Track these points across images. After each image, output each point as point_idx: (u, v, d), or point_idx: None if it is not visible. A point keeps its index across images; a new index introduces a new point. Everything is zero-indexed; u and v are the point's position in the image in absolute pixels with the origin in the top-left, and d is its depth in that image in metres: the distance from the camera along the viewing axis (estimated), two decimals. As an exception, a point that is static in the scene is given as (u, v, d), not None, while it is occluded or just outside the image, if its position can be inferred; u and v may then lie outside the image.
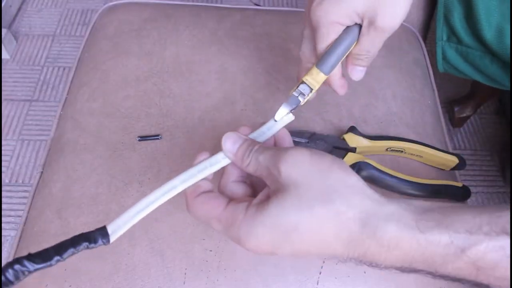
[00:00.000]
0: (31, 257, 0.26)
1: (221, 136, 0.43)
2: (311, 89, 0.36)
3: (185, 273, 0.39)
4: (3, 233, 0.96)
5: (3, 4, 1.25)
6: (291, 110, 0.34)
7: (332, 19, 0.34)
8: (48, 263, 0.27)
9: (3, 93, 1.17)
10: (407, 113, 0.51)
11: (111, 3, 0.61)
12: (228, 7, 0.62)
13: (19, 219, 0.97)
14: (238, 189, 0.30)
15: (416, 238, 0.24)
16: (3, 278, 0.25)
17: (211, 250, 0.40)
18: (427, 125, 0.51)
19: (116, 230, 0.29)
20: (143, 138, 0.47)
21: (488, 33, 0.53)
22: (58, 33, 1.31)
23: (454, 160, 0.47)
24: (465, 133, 1.15)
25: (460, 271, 0.24)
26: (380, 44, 0.37)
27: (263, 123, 0.33)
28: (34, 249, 0.40)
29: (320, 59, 0.36)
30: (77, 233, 0.42)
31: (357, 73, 0.39)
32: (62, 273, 0.39)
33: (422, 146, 0.47)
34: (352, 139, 0.46)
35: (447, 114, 1.15)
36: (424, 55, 0.60)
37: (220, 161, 0.30)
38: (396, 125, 0.50)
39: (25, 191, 1.02)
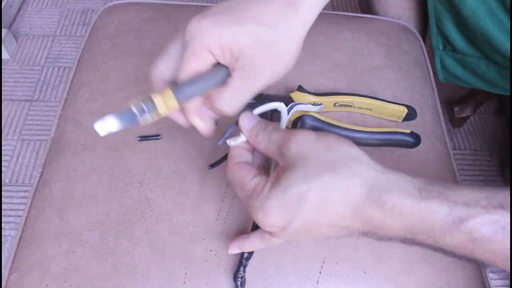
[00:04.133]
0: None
1: (221, 136, 0.43)
2: (155, 111, 0.29)
3: (185, 273, 0.39)
4: (3, 233, 0.96)
5: (3, 4, 1.25)
6: (120, 126, 0.28)
7: (205, 42, 0.30)
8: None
9: (3, 93, 1.17)
10: (407, 113, 0.52)
11: (111, 3, 0.61)
12: (228, 7, 0.62)
13: (19, 219, 0.97)
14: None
15: (418, 205, 0.26)
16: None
17: (211, 250, 0.40)
18: (427, 125, 0.52)
19: None
20: (143, 138, 0.47)
21: (479, 39, 0.53)
22: (58, 33, 1.31)
23: (403, 110, 0.48)
24: (465, 133, 1.15)
25: (459, 244, 0.26)
26: (248, 97, 0.32)
27: None
28: (34, 249, 0.40)
29: (179, 85, 0.30)
30: (77, 232, 0.42)
31: (208, 127, 0.34)
32: (62, 273, 0.39)
33: (369, 98, 0.48)
34: (298, 96, 0.47)
35: (447, 114, 1.15)
36: (424, 55, 0.60)
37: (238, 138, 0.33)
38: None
39: (25, 191, 1.02)
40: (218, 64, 0.32)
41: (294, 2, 0.30)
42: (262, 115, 0.35)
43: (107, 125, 0.28)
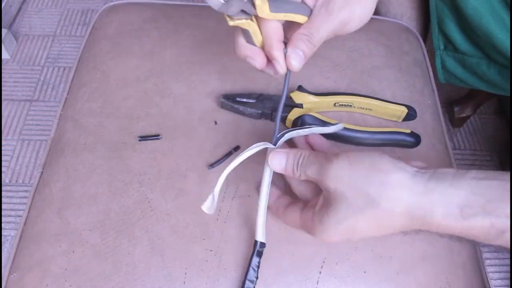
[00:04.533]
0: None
1: (221, 137, 0.43)
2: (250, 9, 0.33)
3: (185, 273, 0.39)
4: (3, 233, 0.96)
5: (3, 4, 1.25)
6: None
7: None
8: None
9: (3, 93, 1.17)
10: (407, 113, 0.52)
11: (111, 3, 0.61)
12: (228, 7, 0.62)
13: (19, 219, 0.97)
14: (302, 189, 0.36)
15: (461, 224, 0.27)
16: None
17: (211, 250, 0.40)
18: (427, 125, 0.52)
19: (262, 236, 0.37)
20: (143, 138, 0.47)
21: (481, 38, 0.53)
22: (58, 33, 1.31)
23: (403, 110, 0.48)
24: (465, 133, 1.15)
25: (498, 245, 0.27)
26: (325, 32, 0.34)
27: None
28: (34, 249, 0.40)
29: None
30: (77, 232, 0.42)
31: (295, 58, 0.34)
32: (62, 273, 0.39)
33: (369, 98, 0.48)
34: (298, 96, 0.47)
35: (447, 114, 1.15)
36: (424, 55, 0.60)
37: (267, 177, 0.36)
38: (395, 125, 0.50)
39: (25, 191, 1.02)
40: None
41: None
42: (262, 115, 0.36)
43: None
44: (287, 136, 0.38)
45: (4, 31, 1.21)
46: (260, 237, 0.37)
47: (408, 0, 0.63)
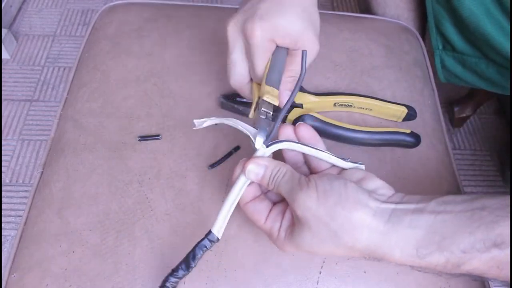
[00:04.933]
0: (175, 271, 0.34)
1: (221, 137, 0.43)
2: (273, 106, 0.36)
3: (185, 273, 0.39)
4: (3, 233, 0.96)
5: (3, 4, 1.25)
6: (268, 135, 0.34)
7: (270, 36, 0.36)
8: (187, 271, 0.35)
9: (3, 93, 1.17)
10: (407, 113, 0.52)
11: (111, 3, 0.61)
12: (228, 7, 0.62)
13: (19, 219, 0.97)
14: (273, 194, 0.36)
15: (418, 261, 0.28)
16: None
17: (211, 250, 0.40)
18: (427, 125, 0.52)
19: (218, 229, 0.35)
20: (143, 138, 0.47)
21: (478, 39, 0.53)
22: (58, 33, 1.31)
23: (403, 110, 0.48)
24: (465, 133, 1.15)
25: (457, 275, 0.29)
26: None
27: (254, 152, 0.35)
28: (34, 249, 0.40)
29: (267, 76, 0.37)
30: (77, 232, 0.42)
31: (286, 96, 0.39)
32: (62, 273, 0.39)
33: (369, 98, 0.48)
34: (298, 96, 0.47)
35: (447, 114, 1.15)
36: (424, 55, 0.60)
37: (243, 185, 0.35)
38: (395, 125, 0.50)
39: (26, 191, 1.02)
40: (276, 48, 0.38)
41: None
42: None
43: (259, 140, 0.34)
44: (285, 145, 0.35)
45: (4, 31, 1.21)
46: (216, 229, 0.34)
47: (404, 2, 0.63)
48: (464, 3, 0.51)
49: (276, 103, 0.36)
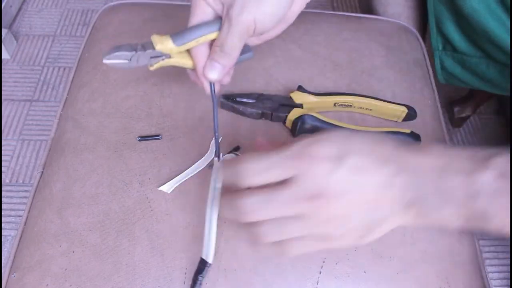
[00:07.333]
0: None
1: (221, 137, 0.43)
2: (155, 50, 0.35)
3: (185, 273, 0.39)
4: (3, 233, 0.96)
5: (3, 4, 1.25)
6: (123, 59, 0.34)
7: None
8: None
9: (3, 93, 1.17)
10: (407, 113, 0.52)
11: (111, 3, 0.61)
12: (228, 7, 0.62)
13: (19, 219, 0.97)
14: None
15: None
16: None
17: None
18: (427, 125, 0.52)
19: (207, 254, 0.36)
20: (143, 138, 0.47)
21: (480, 37, 0.53)
22: (58, 33, 1.31)
23: (403, 110, 0.48)
24: (465, 133, 1.15)
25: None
26: (233, 39, 0.35)
27: None
28: (34, 249, 0.40)
29: (178, 31, 0.36)
30: (77, 232, 0.42)
31: (211, 69, 0.36)
32: (62, 273, 0.39)
33: (369, 98, 0.48)
34: (298, 96, 0.47)
35: (447, 114, 1.15)
36: (424, 55, 0.60)
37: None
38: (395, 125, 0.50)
39: (26, 191, 1.02)
40: (214, 19, 0.36)
41: None
42: (262, 115, 0.35)
43: (113, 58, 0.33)
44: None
45: (4, 31, 1.21)
46: (205, 254, 0.36)
47: (406, 0, 0.63)
48: (466, 0, 0.51)
49: (164, 55, 0.35)
